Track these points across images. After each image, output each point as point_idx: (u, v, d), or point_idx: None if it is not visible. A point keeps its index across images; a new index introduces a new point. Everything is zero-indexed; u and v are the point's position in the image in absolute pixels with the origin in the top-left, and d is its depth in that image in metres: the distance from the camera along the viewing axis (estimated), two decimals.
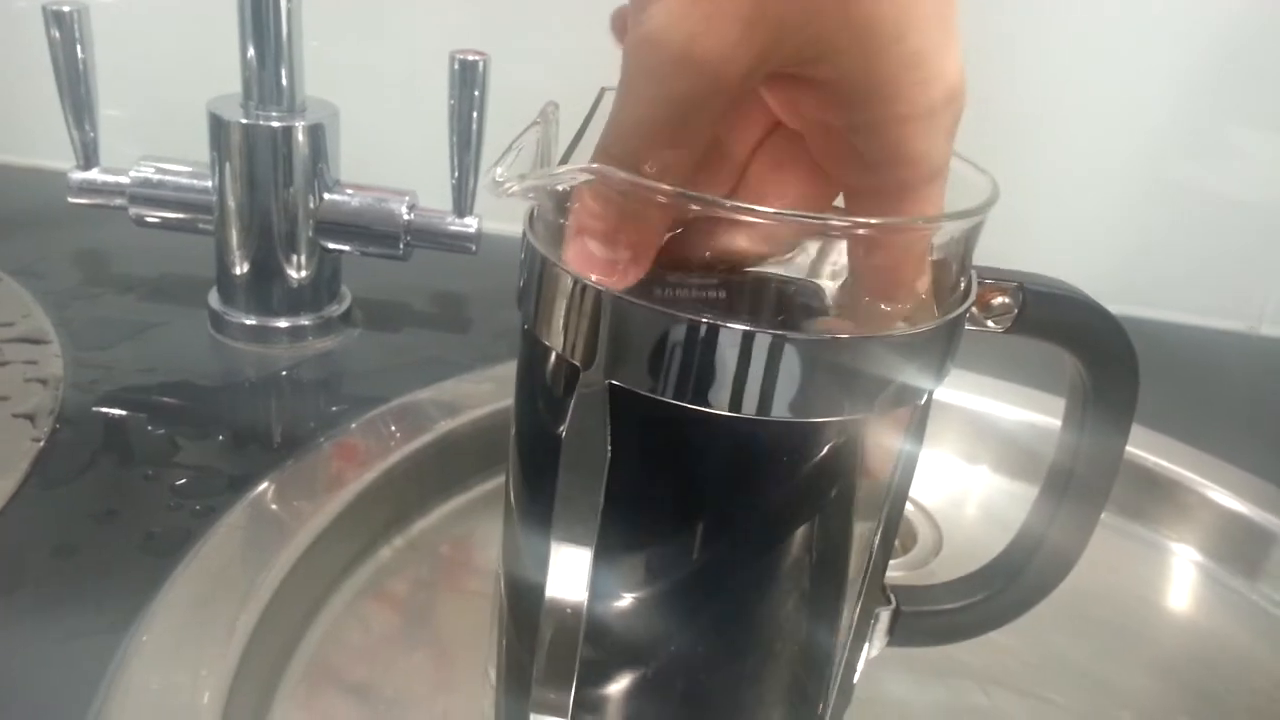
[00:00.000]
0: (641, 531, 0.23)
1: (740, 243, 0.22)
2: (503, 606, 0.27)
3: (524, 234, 0.23)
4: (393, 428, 0.41)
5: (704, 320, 0.20)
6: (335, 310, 0.48)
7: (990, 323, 0.24)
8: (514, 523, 0.26)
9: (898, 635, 0.29)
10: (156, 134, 0.49)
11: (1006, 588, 0.29)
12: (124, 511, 0.35)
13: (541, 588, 0.24)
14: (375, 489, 0.38)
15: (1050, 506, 0.28)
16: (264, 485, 0.37)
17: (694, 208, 0.20)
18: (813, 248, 0.24)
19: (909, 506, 0.45)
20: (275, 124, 0.43)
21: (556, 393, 0.23)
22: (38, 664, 0.29)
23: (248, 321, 0.46)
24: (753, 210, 0.20)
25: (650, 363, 0.21)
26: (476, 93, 0.43)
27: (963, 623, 0.29)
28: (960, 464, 0.48)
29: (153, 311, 0.48)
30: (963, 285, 0.23)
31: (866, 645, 0.27)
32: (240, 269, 0.45)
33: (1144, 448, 0.45)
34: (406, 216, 0.45)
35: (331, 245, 0.46)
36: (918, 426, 0.23)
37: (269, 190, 0.44)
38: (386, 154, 0.52)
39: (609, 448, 0.22)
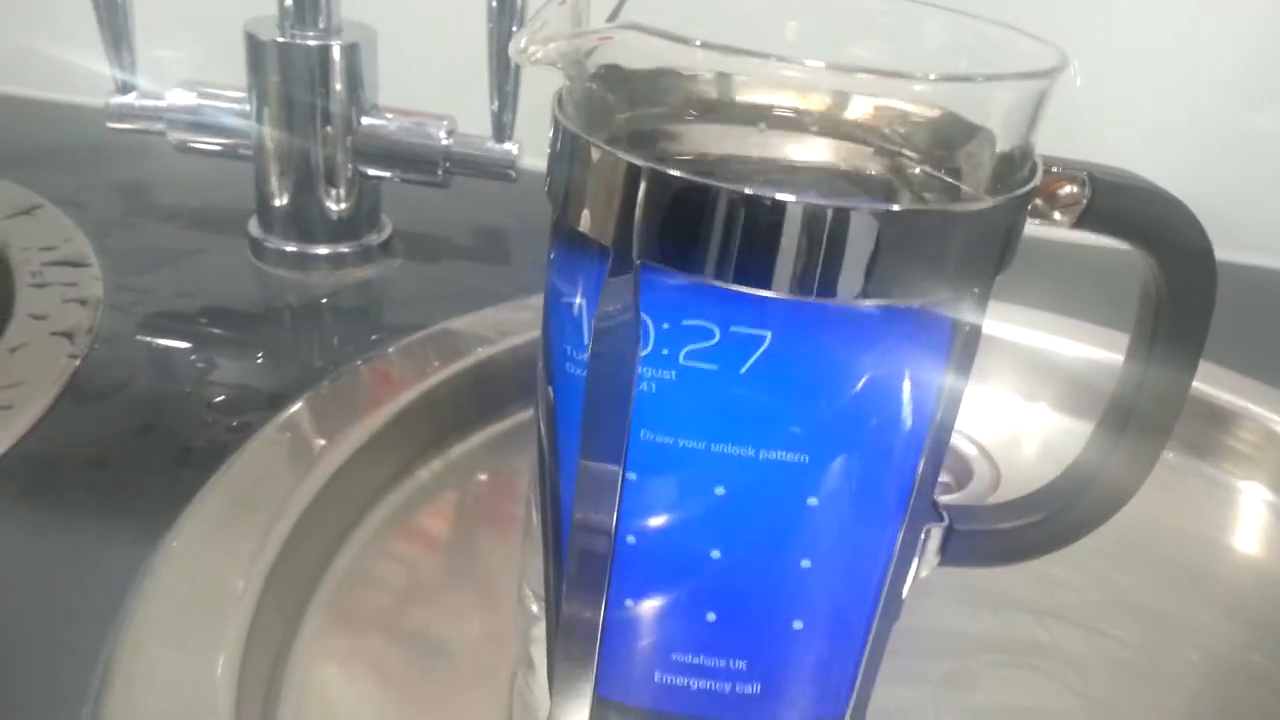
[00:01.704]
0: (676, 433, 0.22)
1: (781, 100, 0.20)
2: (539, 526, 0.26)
3: (553, 115, 0.22)
4: (431, 353, 0.40)
5: (752, 192, 0.19)
6: (375, 239, 0.47)
7: (1057, 214, 0.23)
8: (540, 433, 0.25)
9: (950, 554, 0.27)
10: (195, 60, 0.48)
11: (1063, 511, 0.27)
12: (159, 426, 0.35)
13: (567, 495, 0.23)
14: (412, 412, 0.37)
15: (1118, 421, 0.26)
16: (300, 404, 0.36)
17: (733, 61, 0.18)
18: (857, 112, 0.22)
19: (966, 444, 0.43)
20: (312, 43, 0.42)
21: (587, 284, 0.22)
22: (69, 569, 0.29)
23: (287, 248, 0.46)
24: (799, 64, 0.19)
25: (687, 240, 0.20)
26: (515, 19, 0.41)
27: (1016, 544, 0.27)
28: (1018, 401, 0.46)
29: (193, 239, 0.48)
30: (1027, 168, 0.22)
31: (916, 561, 0.26)
32: (278, 194, 0.45)
33: (1210, 382, 0.43)
34: (445, 141, 0.44)
35: (369, 170, 0.45)
36: (973, 320, 0.22)
37: (306, 113, 0.43)
38: (426, 81, 0.51)
39: (639, 337, 0.20)
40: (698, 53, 0.19)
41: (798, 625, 0.24)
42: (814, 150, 0.24)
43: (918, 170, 0.23)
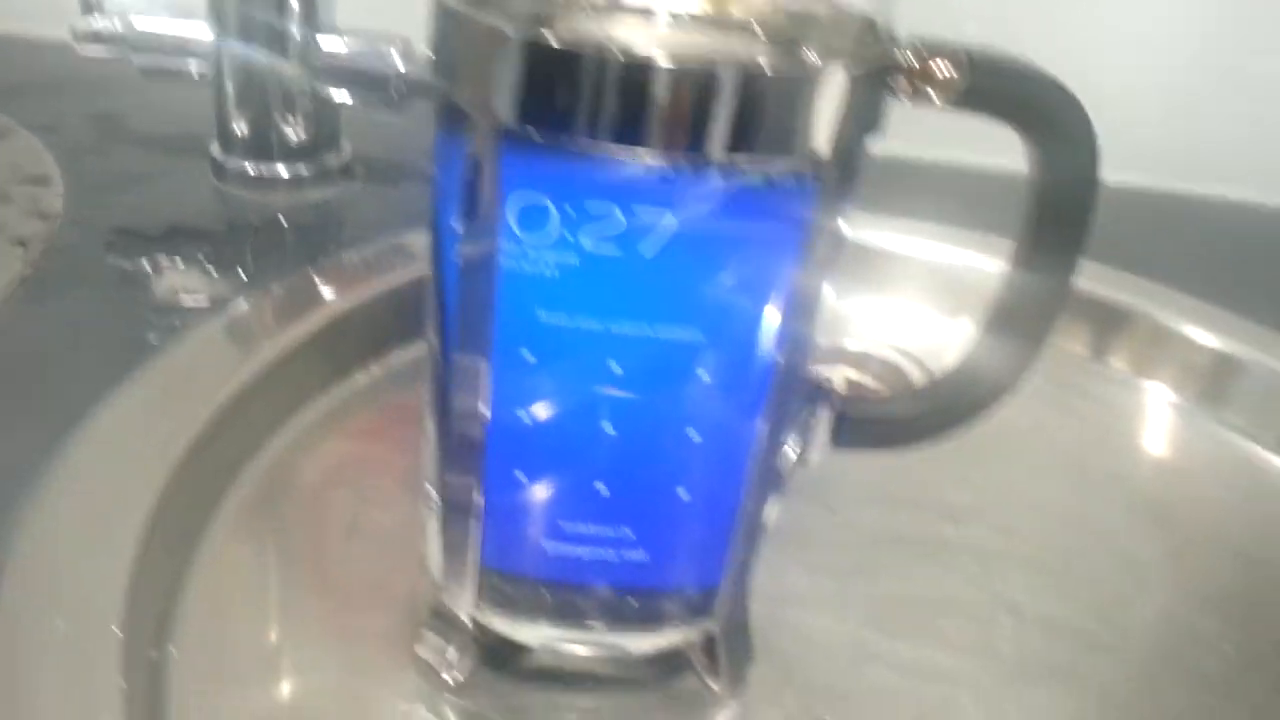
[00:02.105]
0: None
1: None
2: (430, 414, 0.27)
3: None
4: (378, 265, 0.41)
5: (612, 53, 0.19)
6: (334, 161, 0.48)
7: (934, 94, 0.23)
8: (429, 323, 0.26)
9: (840, 438, 0.28)
10: None
11: (948, 399, 0.28)
12: (102, 326, 0.36)
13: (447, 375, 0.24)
14: (356, 315, 0.38)
15: (1003, 313, 0.27)
16: (242, 305, 0.37)
17: None
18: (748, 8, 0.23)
19: (900, 357, 0.44)
20: None
21: (463, 162, 0.23)
22: None
23: (247, 169, 0.47)
24: None
25: (552, 103, 0.20)
26: None
27: (903, 430, 0.28)
28: (943, 318, 0.46)
29: (159, 163, 0.49)
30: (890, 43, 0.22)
31: (798, 440, 0.27)
32: (236, 115, 0.46)
33: (1113, 286, 0.44)
34: (400, 64, 0.45)
35: (325, 89, 0.46)
36: (838, 189, 0.22)
37: (262, 34, 0.44)
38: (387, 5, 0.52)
39: (501, 207, 0.21)
40: None
41: (682, 494, 0.25)
42: (702, 40, 0.24)
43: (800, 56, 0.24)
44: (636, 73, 0.20)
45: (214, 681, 0.27)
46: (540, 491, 0.25)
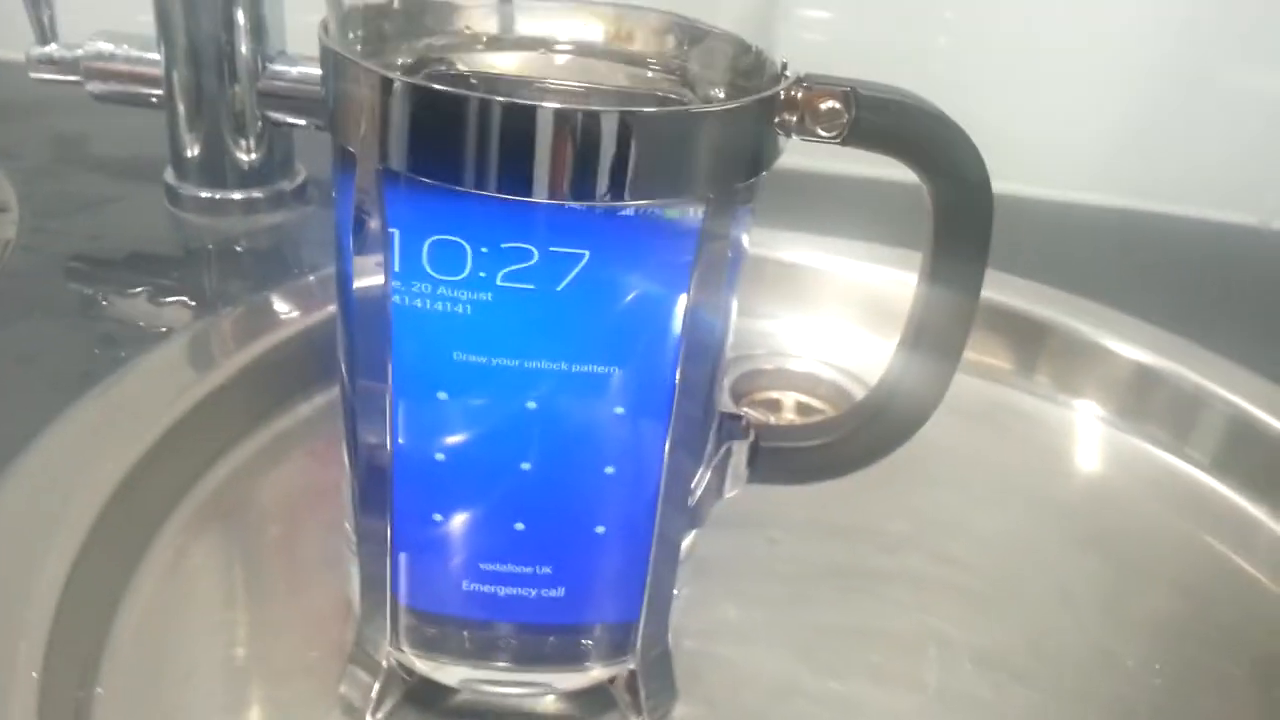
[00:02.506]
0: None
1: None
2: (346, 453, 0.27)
3: (319, 39, 0.23)
4: (321, 292, 0.41)
5: (491, 97, 0.20)
6: (287, 185, 0.48)
7: (821, 130, 0.23)
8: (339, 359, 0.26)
9: (757, 471, 0.28)
10: (117, 9, 0.49)
11: (865, 429, 0.28)
12: (48, 355, 0.36)
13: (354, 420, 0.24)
14: (298, 343, 0.38)
15: (908, 348, 0.27)
16: (185, 334, 0.37)
17: None
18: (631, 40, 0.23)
19: (845, 379, 0.44)
20: None
21: (349, 189, 0.23)
22: None
23: (200, 194, 0.47)
24: None
25: (430, 147, 0.21)
26: None
27: (822, 460, 0.28)
28: (880, 339, 0.46)
29: (114, 188, 0.49)
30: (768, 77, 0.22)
31: (708, 474, 0.27)
32: (189, 140, 0.46)
33: (1042, 302, 0.44)
34: None
35: (275, 115, 0.46)
36: (724, 231, 0.23)
37: (213, 60, 0.44)
38: None
39: (387, 248, 0.21)
40: None
41: (599, 530, 0.26)
42: (594, 71, 0.25)
43: (687, 90, 0.24)
44: (518, 117, 0.20)
45: None
46: (457, 530, 0.26)
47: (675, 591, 0.27)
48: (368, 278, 0.23)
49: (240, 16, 0.44)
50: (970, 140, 0.24)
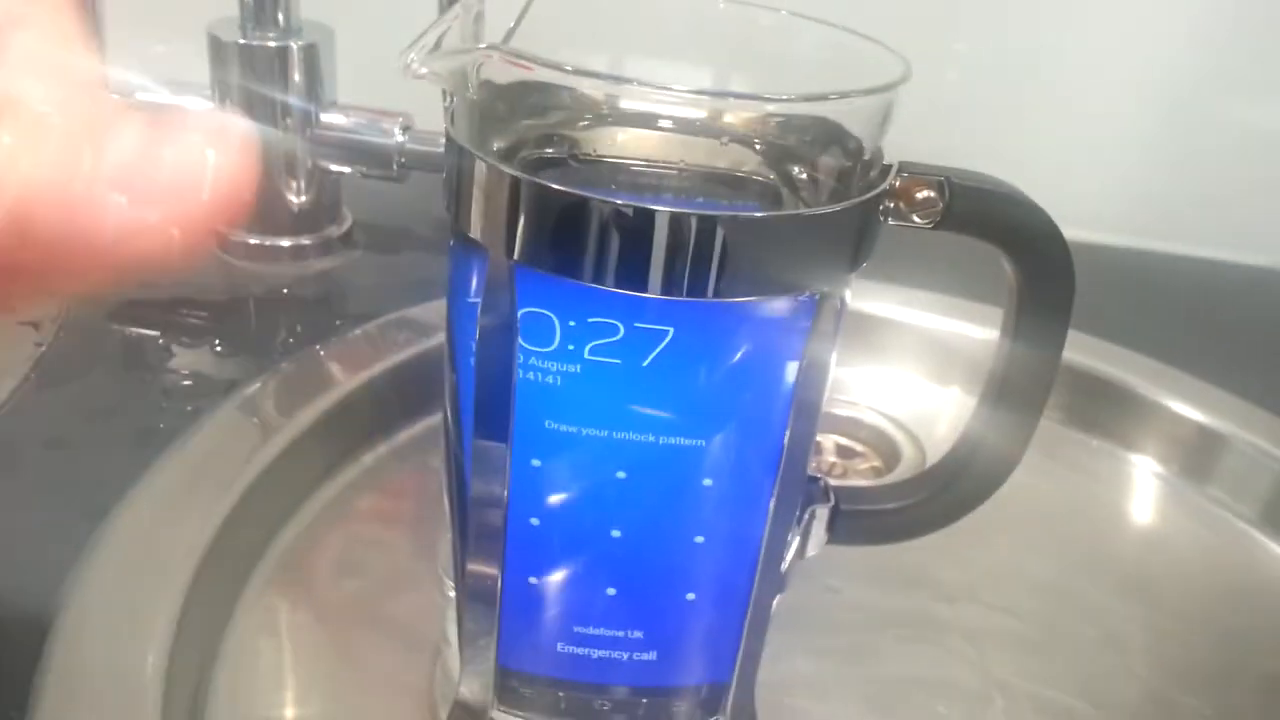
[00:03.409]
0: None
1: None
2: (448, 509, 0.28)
3: (446, 131, 0.23)
4: (383, 340, 0.42)
5: (609, 200, 0.21)
6: (335, 231, 0.49)
7: (916, 218, 0.24)
8: (446, 421, 0.27)
9: (838, 533, 0.29)
10: (164, 62, 0.50)
11: (944, 491, 0.29)
12: (119, 410, 0.37)
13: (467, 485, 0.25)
14: (361, 394, 0.39)
15: (987, 411, 0.28)
16: (254, 387, 0.38)
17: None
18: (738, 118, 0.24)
19: (893, 428, 0.45)
20: (271, 44, 0.44)
21: (479, 283, 0.24)
22: (19, 544, 0.31)
23: (250, 240, 0.48)
24: (667, 89, 0.21)
25: (558, 245, 0.22)
26: None
27: (900, 523, 0.29)
28: (934, 386, 0.48)
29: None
30: (878, 171, 0.23)
31: (798, 537, 0.28)
32: None
33: (1097, 357, 0.45)
34: (400, 138, 0.46)
35: (327, 165, 0.47)
36: (829, 319, 0.24)
37: (266, 111, 0.45)
38: (385, 81, 0.53)
39: (516, 331, 0.22)
40: (569, 76, 0.21)
41: (690, 597, 0.26)
42: (698, 151, 0.25)
43: (790, 170, 0.25)
44: (635, 220, 0.21)
45: None
46: (552, 594, 0.27)
47: None
48: (488, 353, 0.23)
49: (295, 68, 0.45)
50: (1055, 225, 0.25)
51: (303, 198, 0.47)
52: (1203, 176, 0.60)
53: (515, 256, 0.22)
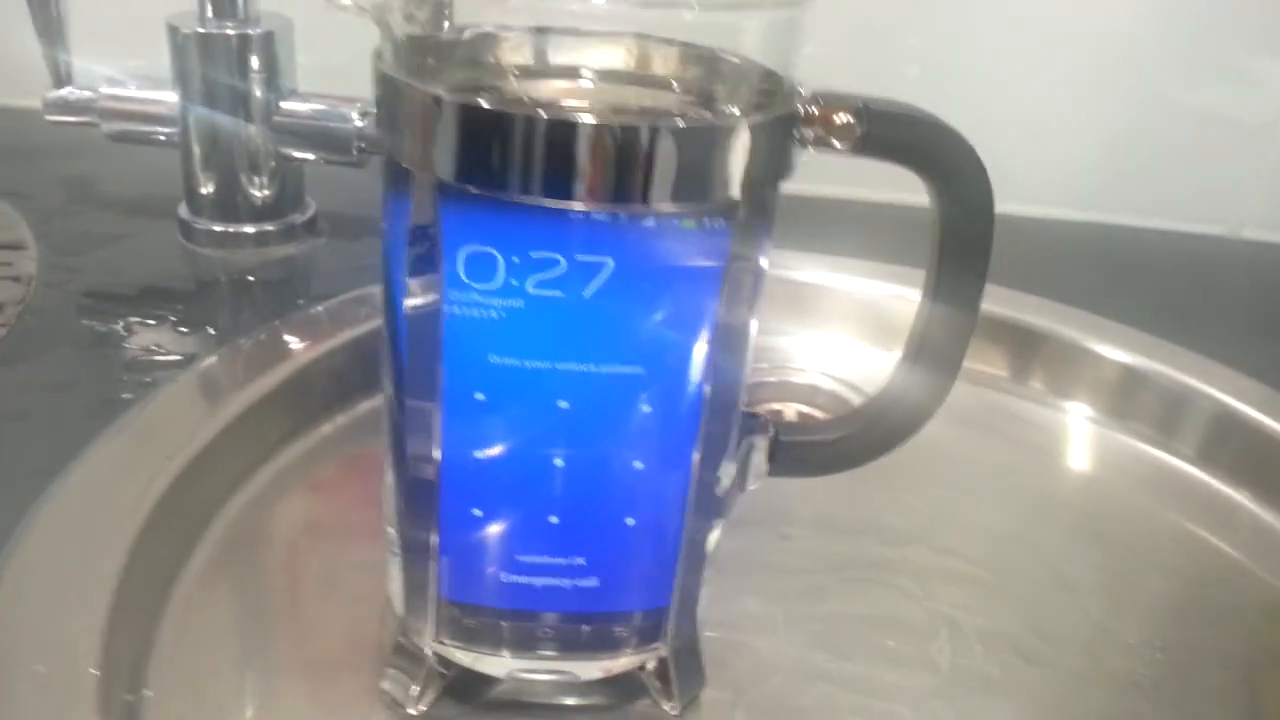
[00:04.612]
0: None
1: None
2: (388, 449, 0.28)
3: (374, 67, 0.24)
4: (344, 314, 0.43)
5: (538, 114, 0.21)
6: (298, 218, 0.50)
7: (836, 142, 0.25)
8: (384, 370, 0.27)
9: (777, 464, 0.30)
10: (130, 53, 0.51)
11: (879, 421, 0.29)
12: (78, 385, 0.38)
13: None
14: (321, 365, 0.40)
15: (918, 341, 0.29)
16: (210, 360, 0.39)
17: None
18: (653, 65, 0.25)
19: (846, 391, 0.46)
20: (230, 33, 0.45)
21: (404, 206, 0.24)
22: None
23: (214, 228, 0.48)
24: None
25: (481, 161, 0.22)
26: None
27: (837, 453, 0.30)
28: (881, 352, 0.48)
29: (129, 225, 0.51)
30: (787, 94, 0.24)
31: (734, 467, 0.28)
32: (204, 177, 0.48)
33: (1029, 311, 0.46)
34: (358, 122, 0.47)
35: (288, 151, 0.48)
36: (755, 238, 0.24)
37: (226, 100, 0.46)
38: (345, 68, 0.54)
39: (444, 254, 0.23)
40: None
41: (630, 522, 0.27)
42: (624, 95, 0.26)
43: (712, 107, 0.26)
44: (562, 131, 0.22)
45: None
46: (496, 525, 0.27)
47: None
48: (421, 287, 0.24)
49: (253, 56, 0.46)
50: (974, 151, 0.26)
51: (265, 186, 0.48)
52: (1158, 156, 0.62)
53: (443, 175, 0.23)
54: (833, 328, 0.48)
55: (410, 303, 0.25)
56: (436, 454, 0.26)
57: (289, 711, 0.29)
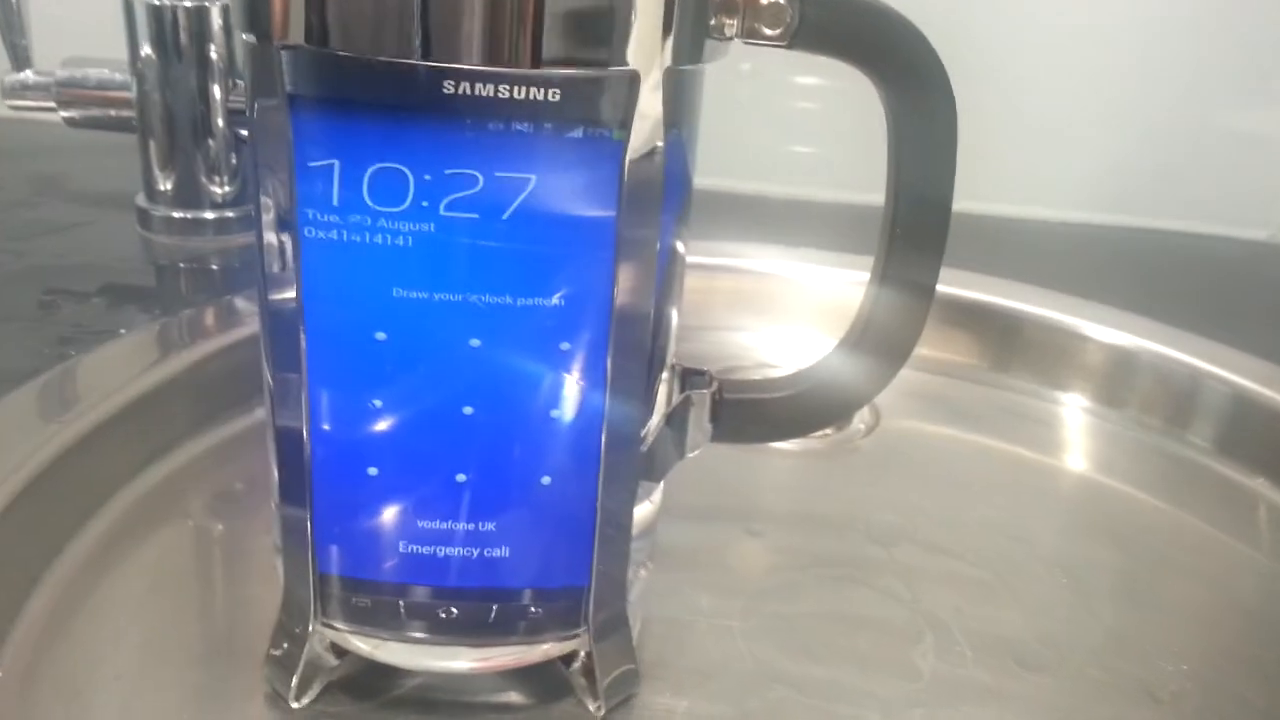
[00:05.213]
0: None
1: None
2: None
3: None
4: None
5: None
6: None
7: (765, 29, 0.22)
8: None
9: (721, 427, 0.26)
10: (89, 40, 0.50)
11: (834, 380, 0.25)
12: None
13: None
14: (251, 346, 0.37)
15: (877, 282, 0.25)
16: (144, 331, 0.36)
17: None
18: None
19: None
20: (187, 4, 0.43)
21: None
22: None
23: (172, 215, 0.46)
24: None
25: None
26: None
27: (788, 414, 0.26)
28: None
29: (86, 214, 0.49)
30: None
31: (659, 420, 0.24)
32: (161, 160, 0.45)
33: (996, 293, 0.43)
34: None
35: (244, 131, 0.45)
36: (671, 132, 0.21)
37: (182, 77, 0.44)
38: None
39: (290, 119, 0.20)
40: None
41: (545, 480, 0.23)
42: None
43: None
44: None
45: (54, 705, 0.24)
46: (396, 485, 0.23)
47: (633, 572, 0.25)
48: (316, 212, 0.21)
49: (212, 36, 0.44)
50: (924, 37, 0.22)
51: (224, 171, 0.46)
52: (1196, 158, 0.58)
53: (292, 38, 0.20)
54: (809, 324, 0.44)
55: (303, 232, 0.21)
56: (323, 400, 0.22)
57: (159, 701, 0.25)
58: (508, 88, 0.20)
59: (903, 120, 0.23)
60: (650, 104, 0.20)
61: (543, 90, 0.20)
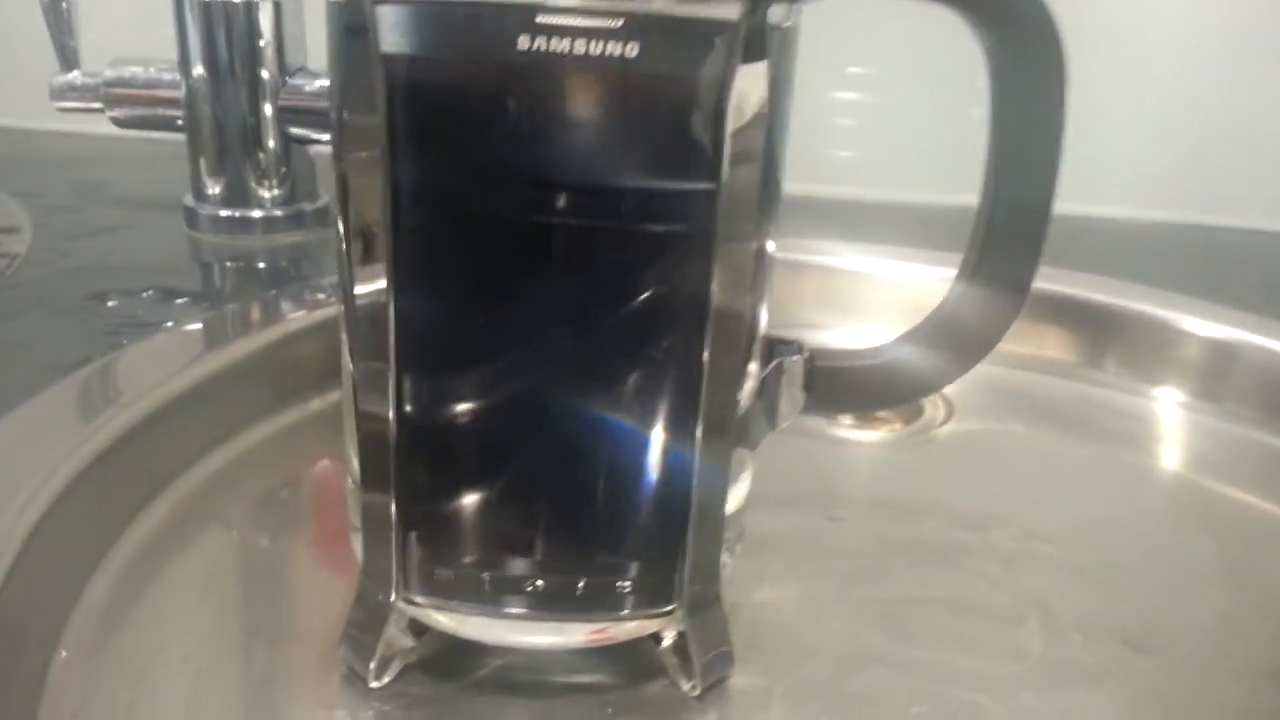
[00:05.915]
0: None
1: None
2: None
3: None
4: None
5: None
6: (308, 206, 0.47)
7: None
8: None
9: (815, 395, 0.25)
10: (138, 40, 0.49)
11: (931, 347, 0.24)
12: (42, 347, 0.34)
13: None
14: (306, 336, 0.36)
15: (979, 244, 0.24)
16: (188, 327, 0.35)
17: None
18: None
19: None
20: (237, 1, 0.43)
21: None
22: None
23: (220, 213, 0.45)
24: None
25: None
26: None
27: (882, 383, 0.25)
28: None
29: (133, 217, 0.48)
30: None
31: (754, 385, 0.23)
32: (210, 158, 0.45)
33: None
34: None
35: (295, 130, 0.45)
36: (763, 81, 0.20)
37: (232, 75, 0.44)
38: None
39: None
40: None
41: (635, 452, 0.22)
42: None
43: None
44: None
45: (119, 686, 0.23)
46: (481, 467, 0.22)
47: (725, 557, 0.24)
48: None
49: (263, 33, 0.43)
50: None
51: (271, 168, 0.45)
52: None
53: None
54: (879, 320, 0.43)
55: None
56: (407, 385, 0.21)
57: (230, 683, 0.24)
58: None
59: (1009, 73, 0.22)
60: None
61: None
